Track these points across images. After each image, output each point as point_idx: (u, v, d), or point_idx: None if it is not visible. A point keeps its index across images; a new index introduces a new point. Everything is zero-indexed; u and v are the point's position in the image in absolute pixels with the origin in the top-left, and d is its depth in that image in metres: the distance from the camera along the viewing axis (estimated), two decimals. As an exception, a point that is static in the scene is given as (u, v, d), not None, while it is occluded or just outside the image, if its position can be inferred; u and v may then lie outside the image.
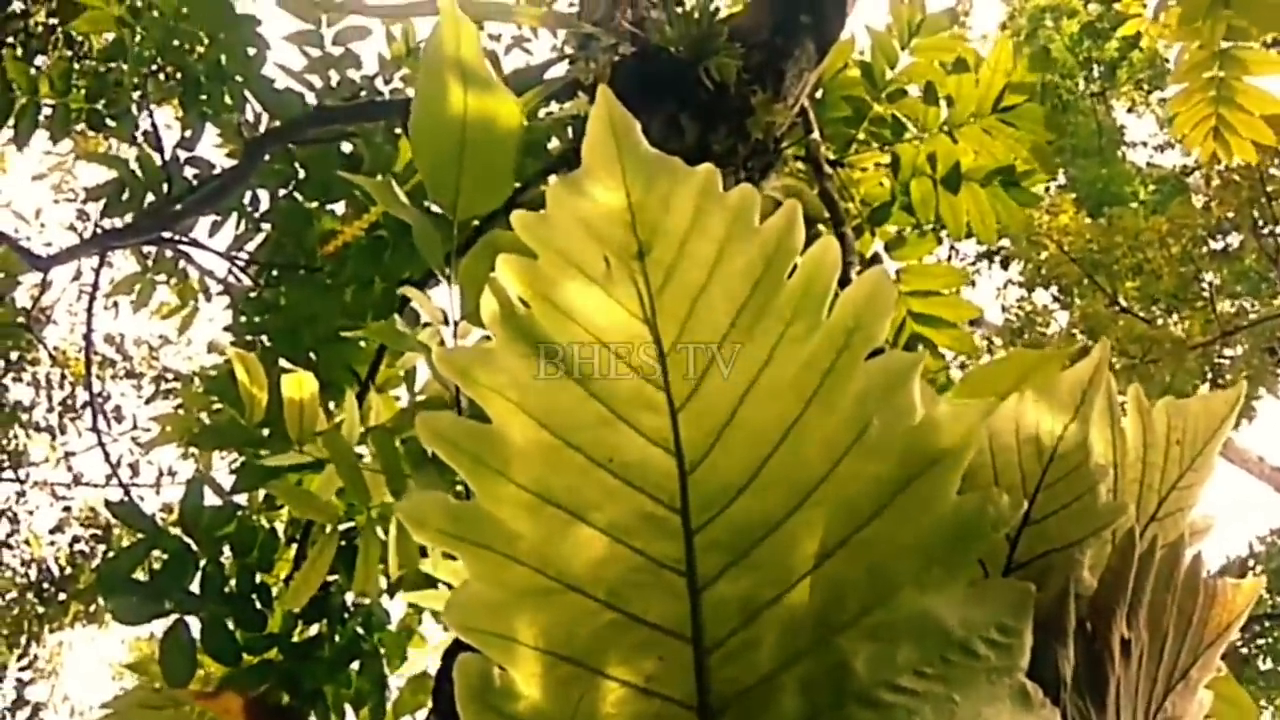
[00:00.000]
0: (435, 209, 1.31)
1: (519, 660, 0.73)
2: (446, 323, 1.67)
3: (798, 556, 0.72)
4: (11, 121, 3.40)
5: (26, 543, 8.65)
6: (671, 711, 0.70)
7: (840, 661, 0.70)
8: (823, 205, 2.41)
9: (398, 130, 3.46)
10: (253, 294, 4.05)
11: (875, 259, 2.79)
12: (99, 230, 4.28)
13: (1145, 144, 14.93)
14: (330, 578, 2.98)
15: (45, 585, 8.32)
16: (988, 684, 0.71)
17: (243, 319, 3.91)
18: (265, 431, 2.65)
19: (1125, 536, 0.81)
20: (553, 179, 0.78)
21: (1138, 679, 0.81)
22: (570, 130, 2.91)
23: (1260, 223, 12.39)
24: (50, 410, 8.91)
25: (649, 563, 0.73)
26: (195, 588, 2.74)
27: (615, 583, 0.72)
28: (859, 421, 0.75)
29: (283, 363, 2.17)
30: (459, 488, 2.00)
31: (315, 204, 3.87)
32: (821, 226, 2.63)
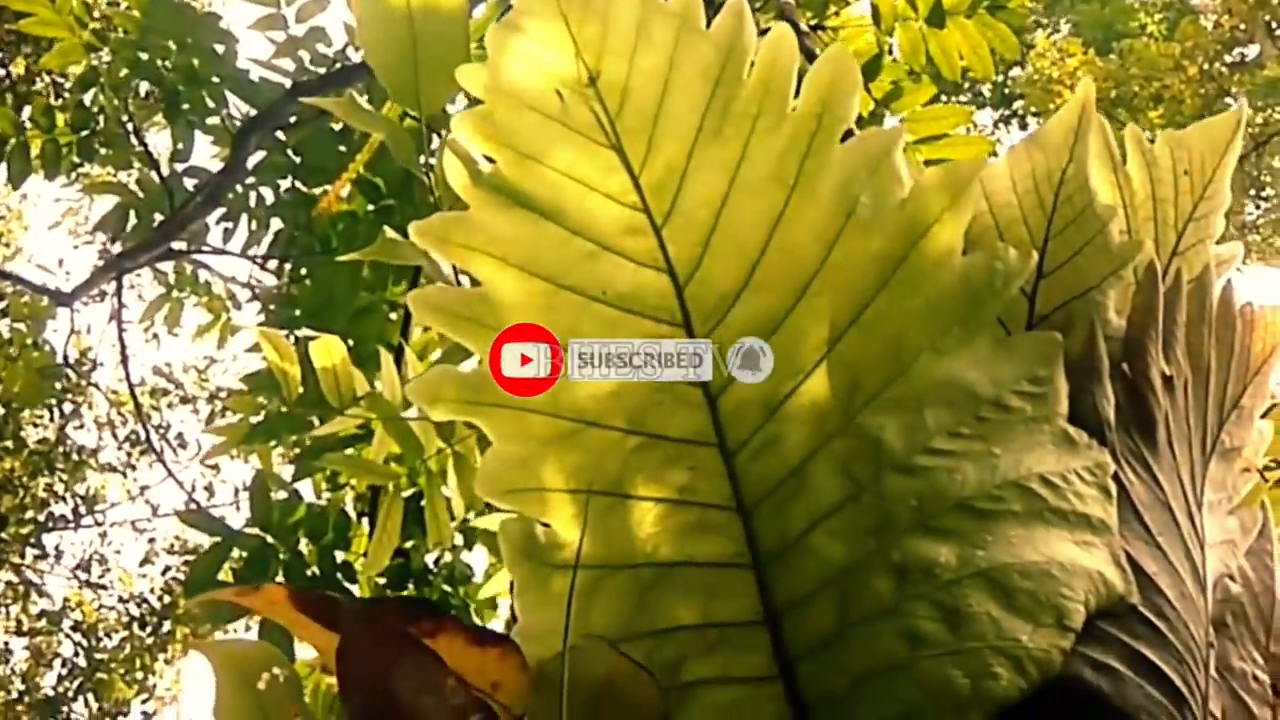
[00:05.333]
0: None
1: (555, 508, 0.73)
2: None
3: (808, 346, 0.71)
4: (4, 164, 3.42)
5: (120, 580, 8.85)
6: (711, 516, 0.69)
7: (870, 438, 0.68)
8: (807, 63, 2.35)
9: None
10: (278, 290, 4.08)
11: (877, 117, 2.73)
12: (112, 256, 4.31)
13: (1143, -27, 14.52)
14: (408, 544, 3.02)
15: (148, 617, 8.52)
16: (1026, 434, 0.70)
17: (273, 315, 3.94)
18: (313, 419, 2.66)
19: (1146, 271, 0.79)
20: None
21: (1187, 412, 0.79)
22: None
23: (1274, 25, 12.04)
24: (119, 449, 9.07)
25: (660, 381, 0.71)
26: (280, 579, 2.79)
27: (632, 408, 0.71)
28: (846, 203, 0.72)
29: (307, 332, 2.17)
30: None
31: (318, 189, 3.88)
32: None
